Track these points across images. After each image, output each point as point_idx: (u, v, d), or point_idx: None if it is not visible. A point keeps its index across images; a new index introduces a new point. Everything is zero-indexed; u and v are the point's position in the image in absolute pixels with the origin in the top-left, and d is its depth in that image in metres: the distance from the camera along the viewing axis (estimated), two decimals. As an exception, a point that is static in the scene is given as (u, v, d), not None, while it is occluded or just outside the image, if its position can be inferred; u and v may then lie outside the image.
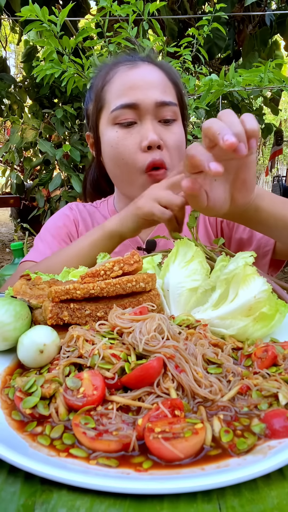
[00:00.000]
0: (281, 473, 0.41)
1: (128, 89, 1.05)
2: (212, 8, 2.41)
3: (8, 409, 0.50)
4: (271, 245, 1.12)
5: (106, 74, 1.12)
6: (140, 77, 1.06)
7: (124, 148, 1.05)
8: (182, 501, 0.37)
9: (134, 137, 1.05)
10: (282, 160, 13.34)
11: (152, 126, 1.04)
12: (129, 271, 0.68)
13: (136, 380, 0.49)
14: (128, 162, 1.06)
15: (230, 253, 0.84)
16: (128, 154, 1.05)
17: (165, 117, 1.07)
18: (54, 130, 3.69)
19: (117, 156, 1.07)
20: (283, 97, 8.44)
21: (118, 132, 1.06)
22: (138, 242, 1.24)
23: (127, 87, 1.05)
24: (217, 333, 0.66)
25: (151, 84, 1.05)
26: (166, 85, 1.09)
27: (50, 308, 0.61)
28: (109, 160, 1.12)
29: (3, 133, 6.29)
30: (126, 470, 0.40)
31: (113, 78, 1.09)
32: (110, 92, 1.08)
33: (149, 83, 1.05)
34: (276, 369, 0.55)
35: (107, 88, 1.10)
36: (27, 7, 1.68)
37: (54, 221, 1.29)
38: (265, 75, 1.65)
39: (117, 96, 1.06)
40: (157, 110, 1.05)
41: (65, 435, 0.45)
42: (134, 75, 1.07)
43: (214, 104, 2.78)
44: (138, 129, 1.05)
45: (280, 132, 7.49)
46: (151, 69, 1.10)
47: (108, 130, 1.09)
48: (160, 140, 1.04)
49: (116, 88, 1.07)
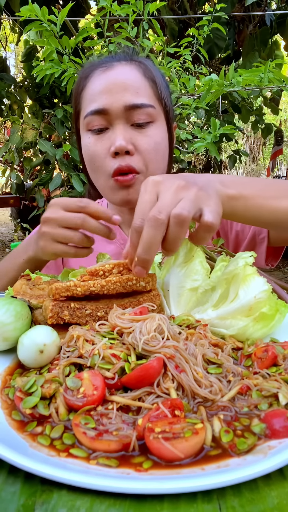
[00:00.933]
0: (281, 473, 0.41)
1: (98, 94, 1.02)
2: (212, 8, 2.41)
3: (8, 409, 0.50)
4: (265, 232, 1.11)
5: (84, 78, 1.10)
6: (112, 81, 1.03)
7: (95, 154, 1.04)
8: (182, 501, 0.37)
9: (105, 143, 1.03)
10: (282, 160, 13.35)
11: (121, 131, 1.01)
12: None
13: (136, 380, 0.49)
14: (99, 167, 1.05)
15: (230, 253, 0.84)
16: (98, 160, 1.04)
17: (138, 121, 1.03)
18: (54, 130, 3.69)
19: (90, 161, 1.07)
20: (283, 97, 8.44)
21: (90, 138, 1.05)
22: None
23: (97, 92, 1.03)
24: (217, 333, 0.66)
25: (122, 86, 1.02)
26: (141, 86, 1.04)
27: (51, 307, 0.61)
28: (86, 164, 1.12)
29: (3, 133, 6.29)
30: (126, 470, 0.40)
31: (87, 84, 1.07)
32: (84, 98, 1.07)
33: (120, 86, 1.02)
34: (276, 369, 0.55)
35: (83, 93, 1.08)
36: (27, 6, 1.68)
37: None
38: (265, 75, 1.65)
39: (89, 102, 1.04)
40: (128, 114, 1.01)
41: (65, 435, 0.45)
42: (106, 79, 1.04)
43: (214, 104, 2.78)
44: (109, 135, 1.03)
45: (280, 132, 7.49)
46: (126, 70, 1.06)
47: (83, 136, 1.08)
48: (129, 145, 1.00)
49: (88, 93, 1.05)
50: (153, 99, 1.06)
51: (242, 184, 0.79)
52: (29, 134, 3.60)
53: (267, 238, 1.11)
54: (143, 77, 1.06)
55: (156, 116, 1.06)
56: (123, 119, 1.02)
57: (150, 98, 1.05)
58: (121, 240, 1.23)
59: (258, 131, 4.07)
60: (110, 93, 1.01)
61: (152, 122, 1.05)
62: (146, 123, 1.04)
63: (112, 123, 1.02)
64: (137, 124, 1.03)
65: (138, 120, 1.03)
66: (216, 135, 1.70)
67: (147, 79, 1.06)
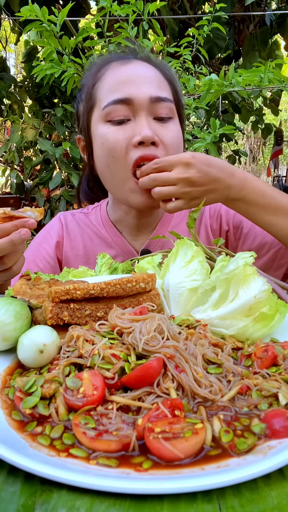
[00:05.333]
0: (281, 473, 0.41)
1: (121, 84, 0.99)
2: (212, 8, 2.41)
3: (8, 409, 0.50)
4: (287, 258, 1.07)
5: (97, 72, 1.07)
6: (133, 72, 1.01)
7: (115, 143, 0.98)
8: (182, 501, 0.37)
9: (127, 132, 0.98)
10: (282, 160, 13.35)
11: (147, 122, 0.98)
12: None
13: (136, 380, 0.49)
14: (118, 158, 0.99)
15: (230, 253, 0.84)
16: (119, 150, 0.98)
17: (161, 115, 1.01)
18: (54, 129, 3.69)
19: (107, 153, 1.01)
20: (283, 97, 8.43)
21: (110, 128, 1.00)
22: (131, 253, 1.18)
23: (119, 81, 1.00)
24: (217, 333, 0.66)
25: (146, 79, 1.00)
26: (161, 82, 1.04)
27: (50, 308, 0.61)
28: (100, 160, 1.06)
29: (3, 132, 6.28)
30: (126, 470, 0.40)
31: (104, 75, 1.04)
32: (102, 88, 1.03)
33: (143, 78, 1.00)
34: (276, 369, 0.55)
35: (98, 85, 1.04)
36: (27, 7, 1.68)
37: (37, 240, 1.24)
38: (265, 75, 1.65)
39: (109, 92, 1.00)
40: (152, 106, 0.99)
41: (65, 435, 0.45)
42: (127, 70, 1.02)
43: (214, 104, 2.78)
44: (131, 125, 0.99)
45: (280, 132, 7.48)
46: (145, 65, 1.05)
47: (100, 127, 1.02)
48: (155, 136, 0.98)
49: (108, 84, 1.02)
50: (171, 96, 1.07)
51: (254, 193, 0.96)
52: (29, 134, 3.59)
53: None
54: (162, 76, 1.07)
55: (175, 113, 1.07)
56: (146, 111, 1.00)
57: (170, 94, 1.06)
58: (121, 246, 1.20)
59: (258, 131, 4.07)
60: (134, 83, 0.99)
61: (172, 118, 1.05)
62: (167, 118, 1.04)
63: (136, 114, 1.00)
64: (159, 117, 1.02)
65: (161, 114, 1.02)
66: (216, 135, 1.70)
67: (165, 78, 1.07)
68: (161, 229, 1.20)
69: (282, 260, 1.08)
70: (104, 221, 1.23)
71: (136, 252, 1.19)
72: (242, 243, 1.15)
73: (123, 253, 1.19)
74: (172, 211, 0.94)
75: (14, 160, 3.93)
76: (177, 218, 1.22)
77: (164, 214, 1.22)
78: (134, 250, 1.19)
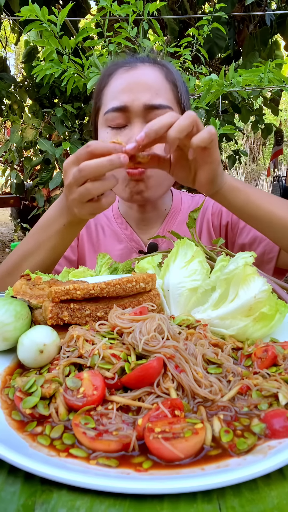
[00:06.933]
0: (281, 473, 0.41)
1: (120, 92, 1.06)
2: (212, 8, 2.41)
3: (8, 409, 0.50)
4: (275, 252, 1.13)
5: (106, 76, 1.14)
6: (134, 80, 1.07)
7: None
8: (182, 501, 0.37)
9: (122, 138, 1.06)
10: (282, 160, 13.34)
11: (139, 128, 1.04)
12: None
13: (136, 380, 0.49)
14: None
15: (230, 253, 0.84)
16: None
17: None
18: (54, 129, 3.69)
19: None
20: (283, 97, 8.44)
21: (108, 133, 1.09)
22: (140, 246, 1.24)
23: (119, 90, 1.07)
24: (217, 333, 0.66)
25: (144, 86, 1.06)
26: (161, 88, 1.08)
27: (50, 308, 0.61)
28: None
29: (3, 133, 6.28)
30: (126, 470, 0.40)
31: (110, 81, 1.12)
32: (106, 94, 1.11)
33: (141, 86, 1.06)
34: (276, 369, 0.55)
35: (104, 90, 1.13)
36: (27, 7, 1.68)
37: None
38: (265, 75, 1.65)
39: (110, 99, 1.09)
40: (146, 113, 1.05)
41: (65, 435, 0.45)
42: (129, 78, 1.08)
43: (214, 104, 2.78)
44: (127, 132, 1.07)
45: (280, 132, 7.48)
46: (149, 71, 1.10)
47: (102, 131, 1.12)
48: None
49: (110, 91, 1.10)
50: (172, 101, 1.11)
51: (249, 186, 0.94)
52: (29, 134, 3.59)
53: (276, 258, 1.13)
54: (165, 79, 1.10)
55: None
56: (141, 118, 1.06)
57: (169, 100, 1.10)
58: (131, 239, 1.25)
59: (258, 131, 4.07)
60: (131, 91, 1.05)
61: None
62: None
63: (131, 120, 1.07)
64: None
65: None
66: (216, 135, 1.70)
67: (168, 82, 1.11)
68: (168, 224, 1.26)
69: (270, 255, 1.14)
70: (115, 214, 1.31)
71: (144, 245, 1.25)
72: (238, 237, 1.22)
73: (132, 245, 1.24)
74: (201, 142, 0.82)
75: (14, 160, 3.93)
76: (185, 214, 1.27)
77: (171, 209, 1.28)
78: (143, 243, 1.25)
